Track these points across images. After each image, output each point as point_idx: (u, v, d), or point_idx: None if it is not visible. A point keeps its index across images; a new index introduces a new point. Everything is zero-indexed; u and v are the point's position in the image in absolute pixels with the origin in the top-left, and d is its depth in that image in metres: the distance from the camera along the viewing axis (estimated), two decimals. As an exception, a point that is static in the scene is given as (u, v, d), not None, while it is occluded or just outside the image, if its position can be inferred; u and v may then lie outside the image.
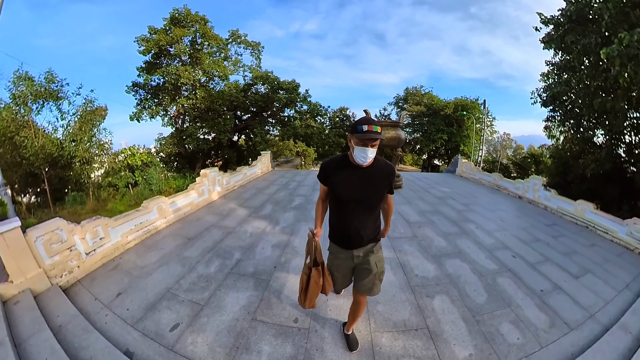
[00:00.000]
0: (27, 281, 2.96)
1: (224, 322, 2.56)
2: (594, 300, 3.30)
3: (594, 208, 7.05)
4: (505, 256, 4.16)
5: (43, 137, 11.15)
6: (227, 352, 2.23)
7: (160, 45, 12.74)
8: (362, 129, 1.55)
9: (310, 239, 1.91)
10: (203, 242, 4.23)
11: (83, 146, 10.92)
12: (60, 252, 3.33)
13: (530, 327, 2.68)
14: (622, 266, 4.54)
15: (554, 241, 5.20)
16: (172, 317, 2.60)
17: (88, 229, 3.76)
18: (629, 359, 2.34)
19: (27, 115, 11.19)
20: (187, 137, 13.04)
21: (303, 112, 16.19)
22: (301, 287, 1.96)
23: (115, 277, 3.37)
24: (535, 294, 3.20)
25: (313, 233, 1.88)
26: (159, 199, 5.01)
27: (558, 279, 3.66)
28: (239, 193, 7.73)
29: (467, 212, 6.33)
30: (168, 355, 2.21)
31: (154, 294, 2.97)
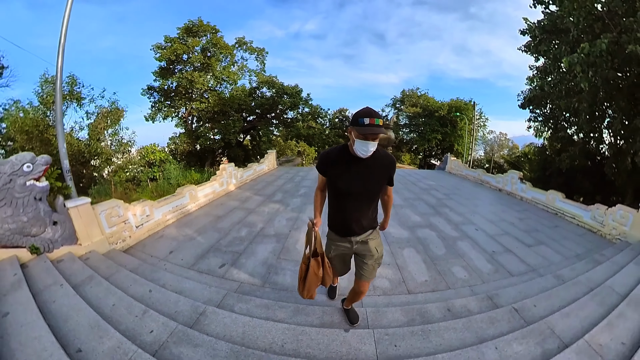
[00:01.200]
0: (93, 244, 3.89)
1: (258, 260, 3.59)
2: (540, 261, 4.22)
3: (563, 197, 7.97)
4: (469, 229, 5.14)
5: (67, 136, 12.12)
6: (262, 276, 3.24)
7: (177, 54, 13.75)
8: (364, 122, 1.48)
9: (310, 229, 1.88)
10: (231, 218, 5.22)
11: (106, 144, 11.87)
12: (117, 224, 4.28)
13: (477, 271, 3.64)
14: (579, 243, 5.45)
15: (519, 222, 6.16)
16: (218, 261, 3.57)
17: (138, 208, 4.72)
18: (549, 290, 3.28)
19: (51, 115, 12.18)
20: (200, 138, 14.04)
21: (305, 115, 17.20)
22: (300, 276, 1.96)
23: (163, 243, 4.32)
24: (487, 253, 4.16)
25: (313, 223, 1.86)
26: (190, 187, 5.97)
27: (511, 246, 4.61)
28: (251, 185, 8.71)
29: (445, 200, 7.31)
30: (220, 280, 3.18)
31: (201, 249, 3.93)
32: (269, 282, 3.13)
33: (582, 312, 2.19)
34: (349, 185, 1.68)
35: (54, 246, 3.51)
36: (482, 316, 2.26)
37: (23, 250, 3.28)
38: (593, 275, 3.44)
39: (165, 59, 13.95)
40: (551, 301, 2.44)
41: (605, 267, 3.96)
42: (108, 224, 4.11)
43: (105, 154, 11.57)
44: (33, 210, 3.34)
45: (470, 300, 2.62)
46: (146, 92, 15.80)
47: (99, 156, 11.80)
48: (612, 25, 8.15)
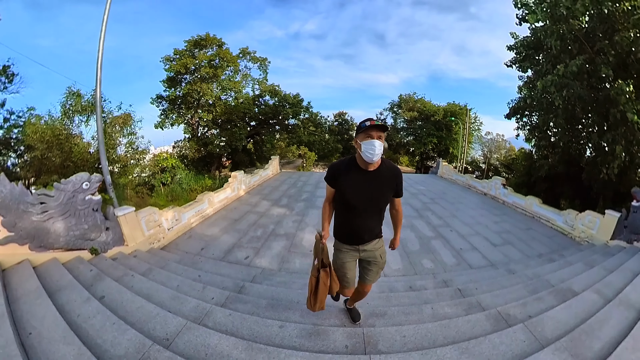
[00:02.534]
0: (137, 244, 4.72)
1: (273, 253, 4.52)
2: (501, 258, 5.04)
3: (539, 202, 8.79)
4: (445, 230, 5.98)
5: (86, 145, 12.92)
6: (278, 263, 4.19)
7: (187, 67, 14.63)
8: (366, 124, 1.59)
9: (318, 241, 1.89)
10: (246, 221, 6.08)
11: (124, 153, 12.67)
12: (154, 228, 5.11)
13: (442, 263, 4.50)
14: (545, 244, 6.26)
15: (494, 224, 6.98)
16: (243, 254, 4.48)
17: (170, 213, 5.55)
18: (494, 279, 4.09)
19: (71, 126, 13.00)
20: (208, 144, 14.93)
21: (305, 121, 18.09)
22: (310, 290, 1.95)
23: (193, 242, 5.15)
24: (455, 250, 5.01)
25: (321, 235, 1.87)
26: (208, 194, 6.80)
27: (479, 245, 5.44)
28: (258, 190, 9.54)
29: (430, 204, 8.15)
30: (247, 267, 4.09)
31: (227, 246, 4.80)
32: (284, 268, 4.10)
33: (510, 295, 2.97)
34: (356, 196, 1.71)
35: (107, 247, 4.33)
36: (432, 291, 3.08)
37: (84, 251, 4.10)
38: (540, 270, 4.25)
39: (175, 71, 14.82)
40: (491, 286, 3.24)
41: (556, 265, 4.77)
42: (147, 228, 4.94)
43: (122, 161, 12.36)
44: (92, 219, 4.17)
45: (429, 282, 3.49)
46: (155, 101, 16.67)
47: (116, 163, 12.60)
48: (589, 46, 8.95)
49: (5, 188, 3.57)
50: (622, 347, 1.92)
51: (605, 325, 2.25)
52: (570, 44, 9.40)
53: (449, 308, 2.47)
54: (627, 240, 5.66)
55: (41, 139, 12.29)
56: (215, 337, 1.91)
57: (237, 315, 2.27)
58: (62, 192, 3.92)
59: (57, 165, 12.95)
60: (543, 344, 1.85)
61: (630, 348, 1.93)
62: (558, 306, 2.52)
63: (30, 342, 1.71)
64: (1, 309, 1.96)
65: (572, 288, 3.26)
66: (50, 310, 2.02)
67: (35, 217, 3.75)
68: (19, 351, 1.55)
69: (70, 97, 12.21)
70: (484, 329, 2.12)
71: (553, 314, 2.34)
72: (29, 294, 2.40)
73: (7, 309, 1.97)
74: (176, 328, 1.99)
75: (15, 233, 3.61)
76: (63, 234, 3.91)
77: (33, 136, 12.41)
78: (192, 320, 2.12)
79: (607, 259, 4.95)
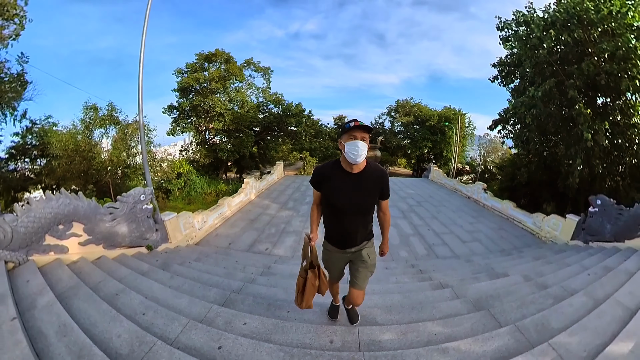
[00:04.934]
0: (177, 242, 5.90)
1: (286, 245, 5.77)
2: (466, 251, 6.23)
3: (514, 206, 9.95)
4: (423, 229, 7.19)
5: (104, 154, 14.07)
6: (291, 252, 5.42)
7: (199, 81, 15.87)
8: (349, 125, 1.60)
9: (306, 243, 1.90)
10: (261, 221, 7.30)
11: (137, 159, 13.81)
12: (189, 228, 6.29)
13: (415, 254, 5.70)
14: (511, 242, 7.43)
15: (468, 225, 8.18)
16: (263, 246, 5.71)
17: (200, 216, 6.73)
18: (452, 266, 5.29)
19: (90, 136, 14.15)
20: (218, 151, 16.21)
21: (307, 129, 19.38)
22: (298, 289, 1.98)
23: (221, 239, 6.34)
24: (428, 244, 6.21)
25: (309, 237, 1.89)
26: (227, 199, 7.99)
27: (449, 241, 6.63)
28: (267, 194, 10.74)
29: (416, 207, 9.37)
30: (268, 256, 5.31)
31: (249, 241, 6.02)
32: (295, 256, 5.32)
33: (456, 274, 4.09)
34: (342, 199, 1.72)
35: (157, 244, 5.51)
36: (400, 270, 4.26)
37: (142, 248, 5.29)
38: (493, 261, 5.44)
39: (187, 84, 16.08)
40: (445, 269, 4.41)
41: (509, 257, 5.97)
42: (184, 228, 6.12)
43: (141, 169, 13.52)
44: (147, 223, 5.34)
45: (400, 265, 4.68)
46: (167, 110, 17.89)
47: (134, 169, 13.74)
48: (561, 70, 10.14)
49: (84, 203, 4.71)
50: (517, 303, 3.11)
51: (511, 294, 3.43)
52: (545, 67, 10.56)
53: (407, 279, 3.67)
54: (584, 240, 6.56)
55: (64, 148, 13.45)
56: (263, 288, 3.17)
57: (271, 279, 3.57)
58: (125, 204, 5.08)
59: (79, 171, 14.13)
60: (460, 299, 3.01)
61: (528, 302, 3.11)
62: (485, 282, 3.71)
63: (148, 304, 2.87)
64: (120, 286, 3.11)
65: (506, 272, 4.43)
66: (155, 284, 3.20)
67: (107, 224, 4.91)
68: (141, 310, 2.71)
69: (88, 111, 13.34)
70: (425, 290, 3.31)
71: (479, 286, 3.52)
72: (129, 276, 3.56)
73: (126, 287, 3.11)
74: (239, 285, 3.22)
75: (93, 236, 4.73)
76: (127, 235, 5.08)
77: (57, 145, 13.57)
78: (247, 282, 3.38)
79: (555, 254, 6.12)
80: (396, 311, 2.49)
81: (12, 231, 3.42)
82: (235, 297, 2.75)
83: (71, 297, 2.69)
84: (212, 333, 1.95)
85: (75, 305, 2.52)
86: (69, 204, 4.24)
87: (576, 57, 9.85)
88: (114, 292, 2.83)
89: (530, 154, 12.88)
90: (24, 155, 15.83)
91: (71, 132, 13.57)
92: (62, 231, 4.17)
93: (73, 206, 4.28)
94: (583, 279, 3.94)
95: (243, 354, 1.79)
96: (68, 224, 4.25)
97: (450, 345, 1.85)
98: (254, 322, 2.17)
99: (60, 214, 4.10)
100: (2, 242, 3.41)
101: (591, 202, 6.46)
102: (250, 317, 2.21)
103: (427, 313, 2.49)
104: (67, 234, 4.21)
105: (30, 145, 15.57)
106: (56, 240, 3.98)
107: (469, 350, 1.86)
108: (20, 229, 3.55)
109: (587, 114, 8.32)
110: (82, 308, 2.44)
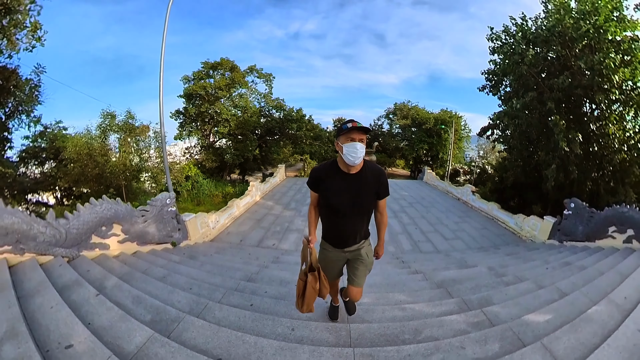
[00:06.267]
0: (195, 239, 6.73)
1: (290, 241, 6.65)
2: (447, 247, 7.06)
3: (498, 207, 10.81)
4: (411, 227, 8.04)
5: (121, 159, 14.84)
6: (295, 247, 6.26)
7: (206, 89, 16.79)
8: (347, 126, 1.59)
9: (305, 246, 1.90)
10: (267, 221, 8.16)
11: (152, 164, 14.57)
12: (205, 227, 7.14)
13: (401, 248, 6.55)
14: (492, 240, 8.27)
15: (454, 224, 9.04)
16: (271, 242, 6.57)
17: (214, 216, 7.59)
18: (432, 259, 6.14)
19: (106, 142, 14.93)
20: (226, 155, 17.15)
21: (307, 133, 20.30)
22: (298, 293, 1.96)
23: (232, 236, 7.20)
24: (414, 241, 7.05)
25: (308, 240, 1.87)
26: (235, 200, 8.84)
27: (433, 238, 7.47)
28: (270, 196, 11.61)
29: (407, 207, 10.24)
30: (275, 250, 6.16)
31: (258, 238, 6.88)
32: (298, 250, 5.99)
33: (432, 265, 4.94)
34: (339, 200, 1.72)
35: (180, 241, 6.37)
36: (385, 260, 5.06)
37: (167, 244, 6.14)
38: (468, 256, 6.29)
39: (194, 92, 17.01)
40: (424, 261, 5.26)
41: (484, 253, 6.81)
42: (201, 227, 6.98)
43: (153, 172, 14.31)
44: (171, 223, 6.19)
45: (387, 258, 5.48)
46: (174, 115, 18.80)
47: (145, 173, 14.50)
48: (541, 82, 10.98)
49: (122, 208, 5.53)
50: (472, 285, 3.96)
51: (470, 280, 4.25)
52: (527, 79, 11.38)
53: (391, 268, 4.53)
54: (559, 240, 7.12)
55: (79, 153, 14.23)
56: (275, 272, 4.08)
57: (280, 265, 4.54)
58: (154, 207, 5.93)
59: (94, 175, 14.92)
60: (428, 281, 3.85)
61: (482, 285, 3.97)
62: (453, 270, 4.57)
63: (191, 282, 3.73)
64: (164, 271, 3.97)
65: (475, 264, 5.29)
66: (191, 269, 4.06)
67: (140, 225, 5.76)
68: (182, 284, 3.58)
69: (106, 117, 14.14)
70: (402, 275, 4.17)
71: (447, 273, 4.37)
72: (167, 264, 4.41)
73: (170, 272, 3.98)
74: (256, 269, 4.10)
75: (129, 235, 5.52)
76: (156, 234, 5.93)
77: (72, 149, 14.36)
78: (262, 267, 4.26)
79: (527, 252, 6.88)
80: (376, 287, 3.33)
81: (66, 232, 4.09)
82: (255, 276, 3.61)
83: (130, 280, 3.53)
84: (244, 296, 2.80)
85: (136, 285, 3.36)
86: (110, 208, 5.04)
87: (557, 70, 10.69)
88: (161, 275, 3.69)
89: (514, 159, 13.73)
90: (35, 159, 16.47)
91: (86, 137, 14.33)
92: (104, 231, 4.94)
93: (114, 210, 5.09)
94: (539, 271, 4.61)
95: (267, 307, 2.63)
96: (109, 226, 5.01)
97: (408, 306, 2.70)
98: (272, 290, 3.04)
99: (103, 217, 4.88)
100: (59, 241, 4.10)
101: (566, 205, 6.94)
102: (269, 288, 3.07)
103: (399, 288, 3.33)
104: (109, 234, 4.95)
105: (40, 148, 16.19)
106: (100, 239, 4.70)
107: (421, 310, 2.71)
108: (72, 230, 4.19)
109: (562, 124, 9.15)
110: (142, 286, 3.29)
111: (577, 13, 10.17)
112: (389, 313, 2.56)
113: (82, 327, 2.10)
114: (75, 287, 2.84)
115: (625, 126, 10.29)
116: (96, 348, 1.88)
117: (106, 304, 2.56)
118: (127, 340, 2.01)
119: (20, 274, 2.87)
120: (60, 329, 2.09)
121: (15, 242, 3.30)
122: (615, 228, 5.88)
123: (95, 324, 2.26)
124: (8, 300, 2.34)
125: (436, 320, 2.39)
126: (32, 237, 3.46)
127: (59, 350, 1.91)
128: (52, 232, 3.70)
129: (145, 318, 2.36)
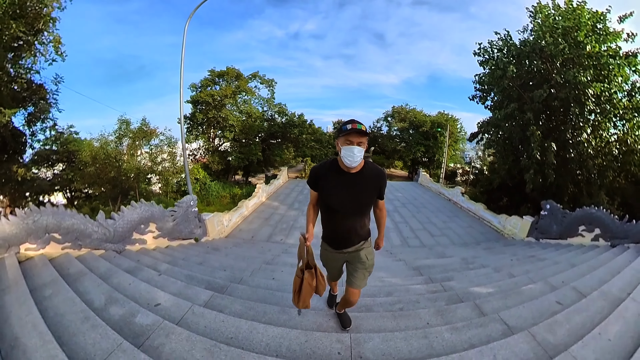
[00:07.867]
0: (213, 235, 7.75)
1: (295, 237, 7.60)
2: (432, 242, 8.09)
3: (484, 208, 11.82)
4: (402, 225, 9.06)
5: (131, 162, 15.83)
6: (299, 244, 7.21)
7: (213, 97, 17.91)
8: (347, 128, 1.57)
9: (302, 243, 1.91)
10: (273, 219, 9.20)
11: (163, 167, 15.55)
12: (220, 225, 8.19)
13: (392, 243, 7.53)
14: (475, 237, 9.31)
15: (441, 223, 10.08)
16: (278, 238, 7.58)
17: (227, 216, 8.65)
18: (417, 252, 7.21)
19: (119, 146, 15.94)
20: (231, 158, 18.26)
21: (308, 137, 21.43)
22: (295, 289, 1.98)
23: (244, 233, 8.24)
24: (403, 237, 8.06)
25: (305, 237, 1.87)
26: (245, 201, 9.90)
27: (420, 235, 8.50)
28: (275, 197, 12.67)
29: (400, 207, 11.29)
30: (282, 244, 7.17)
31: (267, 234, 7.89)
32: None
33: (415, 256, 5.91)
34: (339, 200, 1.74)
35: (201, 237, 7.42)
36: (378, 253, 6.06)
37: (191, 240, 7.19)
38: (450, 249, 7.33)
39: (202, 99, 18.16)
40: (409, 253, 6.29)
41: (464, 248, 7.85)
42: (217, 225, 8.02)
43: (164, 174, 15.32)
44: (194, 222, 7.24)
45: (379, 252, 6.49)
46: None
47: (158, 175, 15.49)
48: (522, 94, 12.00)
49: (157, 209, 6.53)
50: (441, 269, 5.02)
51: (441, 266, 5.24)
52: (511, 91, 12.39)
53: (380, 258, 5.58)
54: (536, 237, 7.75)
55: (95, 157, 15.22)
56: (287, 259, 5.02)
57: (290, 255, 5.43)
58: (181, 208, 6.96)
59: (109, 178, 15.93)
60: (408, 266, 4.87)
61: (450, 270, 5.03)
62: (431, 259, 5.63)
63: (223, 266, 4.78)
64: (199, 259, 5.02)
65: (453, 256, 6.34)
66: (219, 257, 5.11)
67: (170, 223, 6.79)
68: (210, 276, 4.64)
69: (122, 124, 15.17)
70: (388, 262, 5.20)
71: (424, 261, 5.41)
72: (198, 255, 5.46)
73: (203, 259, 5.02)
74: (271, 257, 5.11)
75: (162, 232, 6.48)
76: (183, 231, 6.96)
77: (88, 153, 15.36)
78: (275, 256, 5.28)
79: (503, 247, 7.85)
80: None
81: (114, 230, 4.86)
82: (271, 262, 4.66)
83: (176, 264, 4.53)
84: (267, 274, 3.84)
85: (184, 268, 4.38)
86: (147, 210, 6.00)
87: (539, 83, 11.71)
88: (198, 262, 4.74)
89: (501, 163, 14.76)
90: (47, 162, 17.36)
91: (102, 142, 15.34)
92: (143, 229, 5.84)
93: (150, 211, 6.05)
94: (505, 262, 5.40)
95: (284, 279, 3.66)
96: (147, 224, 5.91)
97: (386, 280, 3.74)
98: (286, 270, 4.05)
99: (143, 217, 5.80)
100: (108, 238, 4.92)
101: (542, 206, 7.57)
102: (284, 268, 4.09)
103: (382, 270, 4.38)
104: (146, 231, 5.84)
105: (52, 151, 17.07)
106: (139, 235, 5.56)
107: (396, 282, 3.75)
108: (118, 229, 4.94)
109: (538, 135, 10.19)
110: (189, 268, 4.32)
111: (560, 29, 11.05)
112: (371, 283, 3.61)
113: (162, 293, 2.90)
114: (137, 271, 3.49)
115: (602, 134, 11.30)
116: (179, 303, 2.72)
117: (170, 279, 3.45)
118: (197, 298, 3.02)
119: (86, 263, 3.45)
120: (145, 296, 2.84)
121: (74, 239, 3.88)
122: (585, 227, 6.35)
123: (168, 291, 3.23)
124: (94, 280, 2.92)
125: (404, 287, 3.42)
126: (88, 235, 4.06)
127: (150, 308, 2.57)
128: (102, 230, 4.34)
129: (202, 286, 3.39)
